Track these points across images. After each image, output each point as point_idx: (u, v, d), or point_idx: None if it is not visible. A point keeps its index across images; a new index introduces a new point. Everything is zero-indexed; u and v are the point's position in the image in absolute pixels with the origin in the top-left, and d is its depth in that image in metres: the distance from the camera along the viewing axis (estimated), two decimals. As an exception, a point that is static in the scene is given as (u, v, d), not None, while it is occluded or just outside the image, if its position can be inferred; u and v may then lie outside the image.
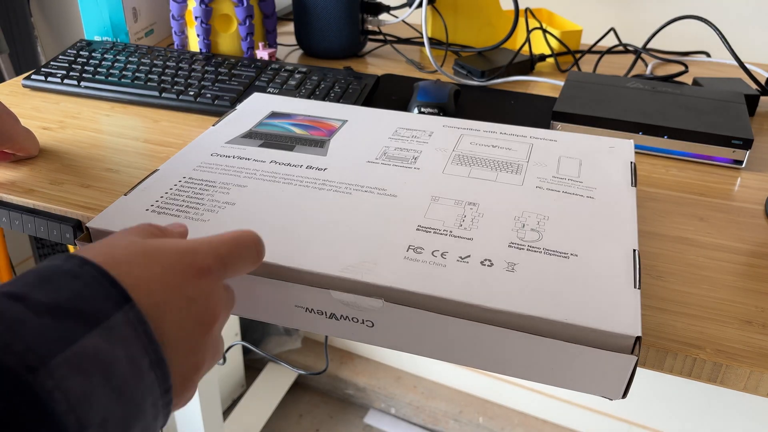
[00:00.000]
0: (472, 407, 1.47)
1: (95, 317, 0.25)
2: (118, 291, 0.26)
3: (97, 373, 0.24)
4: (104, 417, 0.24)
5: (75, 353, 0.24)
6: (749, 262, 0.48)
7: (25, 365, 0.22)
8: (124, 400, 0.25)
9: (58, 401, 0.23)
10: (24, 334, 0.23)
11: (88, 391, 0.24)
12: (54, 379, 0.23)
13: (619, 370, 0.36)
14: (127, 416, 0.25)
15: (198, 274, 0.31)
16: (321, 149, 0.54)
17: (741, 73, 0.89)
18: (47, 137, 0.65)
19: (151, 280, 0.29)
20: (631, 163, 0.52)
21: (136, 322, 0.26)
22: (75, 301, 0.25)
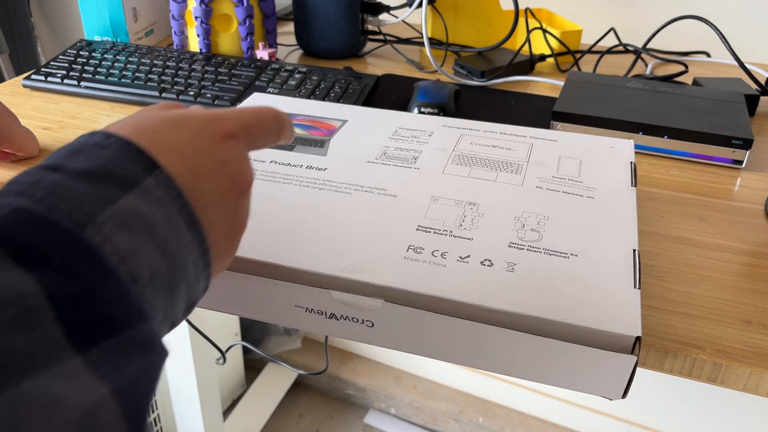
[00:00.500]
0: (472, 407, 1.47)
1: (129, 181, 0.26)
2: (146, 158, 0.27)
3: (140, 230, 0.25)
4: (152, 272, 0.25)
5: (117, 211, 0.24)
6: (749, 262, 0.48)
7: (74, 222, 0.23)
8: (167, 257, 0.26)
9: (110, 254, 0.23)
10: (67, 195, 0.24)
11: (134, 245, 0.24)
12: (102, 235, 0.23)
13: (619, 370, 0.36)
14: (171, 273, 0.26)
15: (226, 138, 0.31)
16: (321, 149, 0.54)
17: (741, 73, 0.89)
18: (47, 137, 0.65)
19: (182, 146, 0.29)
20: (631, 163, 0.52)
21: (167, 186, 0.27)
22: (108, 168, 0.25)
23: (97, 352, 0.21)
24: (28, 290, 0.20)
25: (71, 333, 0.20)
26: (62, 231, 0.22)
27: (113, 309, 0.22)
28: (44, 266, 0.21)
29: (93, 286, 0.22)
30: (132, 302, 0.23)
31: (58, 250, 0.22)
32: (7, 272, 0.20)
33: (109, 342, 0.21)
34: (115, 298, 0.22)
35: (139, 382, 0.22)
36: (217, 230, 0.30)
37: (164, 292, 0.26)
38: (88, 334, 0.21)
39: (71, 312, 0.21)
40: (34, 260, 0.21)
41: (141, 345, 0.23)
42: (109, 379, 0.21)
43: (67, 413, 0.19)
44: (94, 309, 0.21)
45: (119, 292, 0.23)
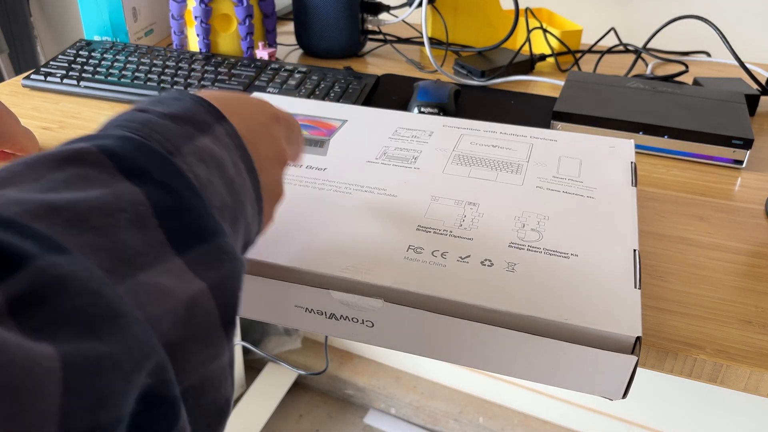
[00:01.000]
0: (472, 407, 1.47)
1: (204, 125, 0.30)
2: (215, 110, 0.31)
3: (214, 166, 0.29)
4: (222, 203, 0.28)
5: (197, 147, 0.28)
6: (749, 262, 0.48)
7: (166, 149, 0.27)
8: (233, 194, 0.29)
9: (194, 180, 0.27)
10: (157, 129, 0.28)
11: (210, 177, 0.28)
12: (187, 164, 0.27)
13: (620, 370, 0.36)
14: (235, 208, 0.30)
15: (276, 119, 0.36)
16: (321, 149, 0.53)
17: (741, 72, 0.89)
18: (47, 137, 0.65)
19: (243, 114, 0.33)
20: (631, 163, 0.52)
21: (233, 135, 0.31)
22: (186, 113, 0.30)
23: (194, 254, 0.24)
24: (138, 199, 0.24)
25: (172, 238, 0.24)
26: (159, 155, 0.26)
27: (203, 221, 0.26)
28: (149, 182, 0.25)
29: (186, 201, 0.25)
30: (216, 219, 0.27)
31: (157, 170, 0.25)
32: (121, 183, 0.24)
33: (202, 247, 0.25)
34: (204, 213, 0.26)
35: (228, 281, 0.25)
36: (266, 192, 0.34)
37: (229, 224, 0.29)
38: (185, 239, 0.24)
39: (171, 221, 0.24)
40: (139, 176, 0.24)
41: (227, 252, 0.26)
42: (204, 277, 0.24)
43: (175, 301, 0.23)
44: (188, 220, 0.25)
45: (206, 209, 0.26)
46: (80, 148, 0.25)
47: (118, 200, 0.23)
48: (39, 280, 0.18)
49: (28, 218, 0.21)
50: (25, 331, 0.17)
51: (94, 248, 0.21)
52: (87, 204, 0.22)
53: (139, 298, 0.21)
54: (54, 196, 0.22)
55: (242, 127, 0.32)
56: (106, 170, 0.24)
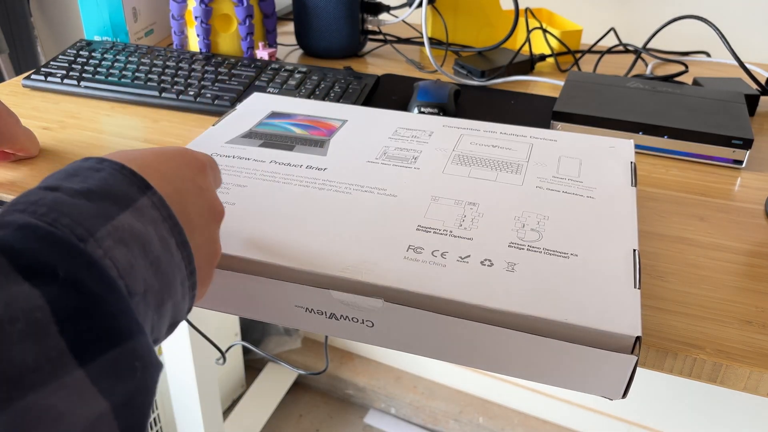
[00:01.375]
0: (472, 407, 1.47)
1: (125, 200, 0.27)
2: (139, 179, 0.28)
3: (136, 246, 0.26)
4: (145, 288, 0.26)
5: (115, 227, 0.25)
6: (749, 262, 0.48)
7: (76, 236, 0.24)
8: (159, 275, 0.27)
9: (110, 267, 0.24)
10: (67, 212, 0.24)
11: (131, 261, 0.25)
12: (102, 249, 0.24)
13: (619, 370, 0.36)
14: (162, 290, 0.27)
15: (201, 168, 0.33)
16: (321, 149, 0.54)
17: (741, 72, 0.89)
18: (47, 137, 0.65)
19: (167, 172, 0.31)
20: (631, 163, 0.52)
21: (160, 206, 0.28)
22: (104, 187, 0.27)
23: (100, 364, 0.21)
24: (35, 304, 0.20)
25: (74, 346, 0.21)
26: (67, 245, 0.23)
27: (115, 321, 0.23)
28: (51, 280, 0.21)
29: (96, 299, 0.22)
30: (131, 315, 0.24)
31: (63, 264, 0.22)
32: (15, 286, 0.21)
33: (111, 354, 0.22)
34: (117, 310, 0.23)
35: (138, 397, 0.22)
36: (201, 254, 0.31)
37: (154, 309, 0.27)
38: (90, 346, 0.21)
39: (75, 325, 0.21)
40: (40, 274, 0.21)
41: (140, 357, 0.23)
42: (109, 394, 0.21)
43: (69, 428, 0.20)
44: (96, 321, 0.22)
45: (120, 304, 0.23)
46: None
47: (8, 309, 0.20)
48: None
49: None
50: None
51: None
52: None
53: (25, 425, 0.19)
54: None
55: (169, 189, 0.30)
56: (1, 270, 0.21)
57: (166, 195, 0.29)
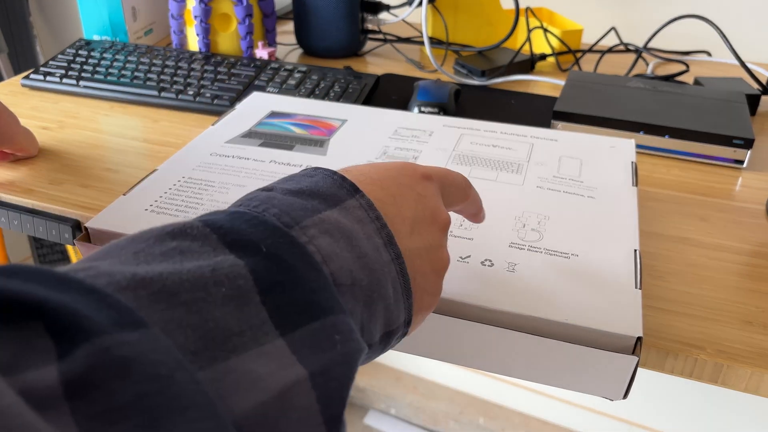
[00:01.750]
0: (472, 408, 1.47)
1: (333, 199, 0.28)
2: (349, 183, 0.29)
3: (342, 238, 0.26)
4: (352, 280, 0.26)
5: (321, 219, 0.26)
6: (750, 262, 0.48)
7: (282, 222, 0.25)
8: (367, 270, 0.26)
9: (314, 252, 0.25)
10: (276, 204, 0.26)
11: (336, 250, 0.26)
12: (307, 236, 0.25)
13: (620, 370, 0.36)
14: (371, 287, 0.26)
15: (423, 177, 0.33)
16: (321, 149, 0.53)
17: (742, 72, 0.88)
18: (46, 137, 0.65)
19: (383, 180, 0.31)
20: (632, 163, 0.52)
21: (368, 208, 0.28)
22: (314, 189, 0.28)
23: (300, 334, 0.22)
24: (238, 272, 0.22)
25: (275, 316, 0.22)
26: (271, 226, 0.24)
27: (316, 296, 0.23)
28: (254, 253, 0.23)
29: (297, 274, 0.23)
30: (332, 294, 0.24)
31: (266, 240, 0.23)
32: (222, 255, 0.22)
33: (311, 326, 0.22)
34: (318, 287, 0.23)
35: (336, 368, 0.22)
36: (422, 260, 0.30)
37: (363, 306, 0.26)
38: (291, 318, 0.22)
39: (276, 297, 0.22)
40: (245, 248, 0.23)
41: (341, 332, 0.23)
42: (307, 362, 0.21)
43: (266, 391, 0.20)
44: (297, 294, 0.23)
45: (322, 282, 0.24)
46: (185, 222, 0.24)
47: (214, 274, 0.21)
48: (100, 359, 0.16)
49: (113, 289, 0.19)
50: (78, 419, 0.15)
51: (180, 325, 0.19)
52: (178, 276, 0.20)
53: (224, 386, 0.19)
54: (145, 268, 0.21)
55: (381, 193, 0.29)
56: (209, 243, 0.23)
57: (377, 199, 0.29)
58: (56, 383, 0.16)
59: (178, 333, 0.19)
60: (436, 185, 0.33)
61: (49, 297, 0.17)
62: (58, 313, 0.17)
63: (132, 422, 0.16)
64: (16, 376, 0.16)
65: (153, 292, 0.20)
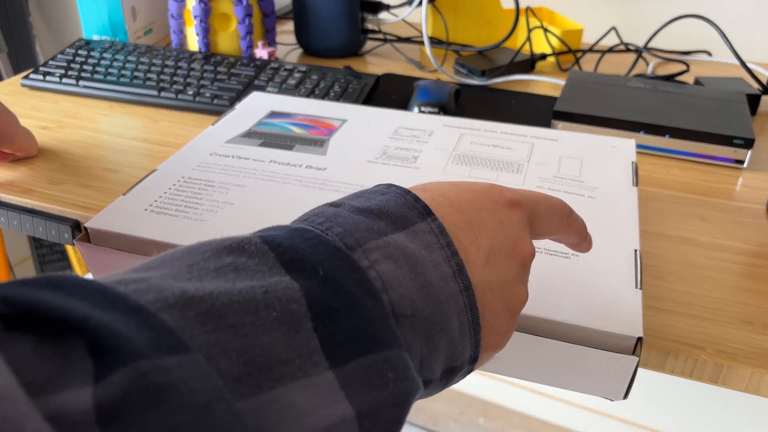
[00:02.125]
0: (472, 408, 1.47)
1: (401, 221, 0.26)
2: (421, 205, 0.27)
3: (406, 265, 0.25)
4: (413, 311, 0.24)
5: (386, 243, 0.25)
6: (751, 262, 0.48)
7: (344, 244, 0.24)
8: (430, 300, 0.25)
9: (374, 279, 0.24)
10: (341, 223, 0.25)
11: (398, 277, 0.24)
12: (369, 260, 0.24)
13: (621, 371, 0.36)
14: (433, 319, 0.25)
15: (508, 204, 0.30)
16: (320, 149, 0.53)
17: (743, 72, 0.88)
18: (46, 137, 0.65)
19: (461, 203, 0.29)
20: (632, 163, 0.52)
21: (439, 233, 0.27)
22: (383, 208, 0.27)
23: (351, 368, 0.21)
24: (292, 296, 0.21)
25: (326, 345, 0.20)
26: (332, 247, 0.23)
27: (372, 326, 0.22)
28: (311, 276, 0.22)
29: (353, 301, 0.22)
30: (390, 325, 0.23)
31: (324, 263, 0.22)
32: (277, 276, 0.21)
33: (363, 360, 0.21)
34: (375, 317, 0.22)
35: (385, 410, 0.21)
36: (494, 295, 0.28)
37: (423, 339, 0.24)
38: (343, 348, 0.21)
39: (329, 324, 0.21)
40: (302, 269, 0.22)
41: (395, 369, 0.22)
42: (355, 401, 0.20)
43: (309, 428, 0.19)
44: (352, 323, 0.21)
45: (379, 312, 0.22)
46: (243, 237, 0.23)
47: (267, 296, 0.20)
48: (136, 385, 0.16)
49: (159, 307, 0.19)
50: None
51: (224, 350, 0.19)
52: (228, 297, 0.20)
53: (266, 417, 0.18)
54: (196, 285, 0.20)
55: (456, 217, 0.28)
56: (265, 262, 0.22)
57: (452, 224, 0.27)
58: (90, 408, 0.15)
59: (222, 358, 0.18)
60: (523, 213, 0.30)
61: (91, 315, 0.17)
62: (99, 332, 0.17)
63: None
64: (50, 396, 0.15)
65: (200, 312, 0.19)
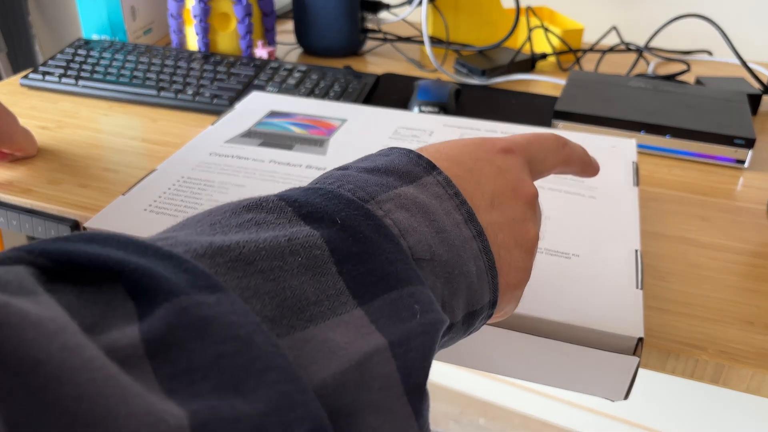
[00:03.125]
0: (472, 408, 1.47)
1: (409, 176, 0.27)
2: (425, 161, 0.28)
3: (419, 213, 0.26)
4: (431, 255, 0.25)
5: (397, 194, 0.26)
6: (752, 262, 0.48)
7: (357, 197, 0.25)
8: (446, 244, 0.26)
9: (391, 226, 0.24)
10: (351, 180, 0.26)
11: (413, 224, 0.25)
12: (383, 210, 0.25)
13: (621, 371, 0.36)
14: (451, 263, 0.25)
15: (503, 150, 0.31)
16: (320, 148, 0.53)
17: (743, 72, 0.88)
18: (45, 137, 0.64)
19: (460, 155, 0.30)
20: (633, 163, 0.52)
21: (446, 184, 0.28)
22: (390, 166, 0.27)
23: (378, 304, 0.21)
24: (314, 243, 0.22)
25: (352, 286, 0.21)
26: (346, 199, 0.24)
27: (393, 267, 0.23)
28: (329, 225, 0.23)
29: (374, 245, 0.23)
30: (411, 265, 0.23)
31: (341, 213, 0.23)
32: (297, 227, 0.22)
33: (390, 295, 0.22)
34: (396, 258, 0.23)
35: (417, 338, 0.22)
36: (505, 234, 0.29)
37: (444, 281, 0.25)
38: (368, 288, 0.22)
39: (352, 267, 0.22)
40: (320, 220, 0.23)
41: (420, 302, 0.23)
42: (386, 331, 0.21)
43: (345, 360, 0.20)
44: (374, 265, 0.22)
45: (399, 254, 0.23)
46: (260, 197, 0.24)
47: (290, 243, 0.21)
48: (179, 319, 0.17)
49: (190, 256, 0.19)
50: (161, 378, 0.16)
51: (257, 293, 0.19)
52: (255, 245, 0.21)
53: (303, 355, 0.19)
54: (222, 237, 0.21)
55: (458, 170, 0.29)
56: (284, 215, 0.23)
57: (455, 175, 0.28)
58: (138, 342, 0.16)
59: (256, 300, 0.19)
60: (519, 157, 0.31)
61: (128, 260, 0.18)
62: (137, 275, 0.17)
63: (212, 383, 0.16)
64: (100, 335, 0.16)
65: (230, 260, 0.20)
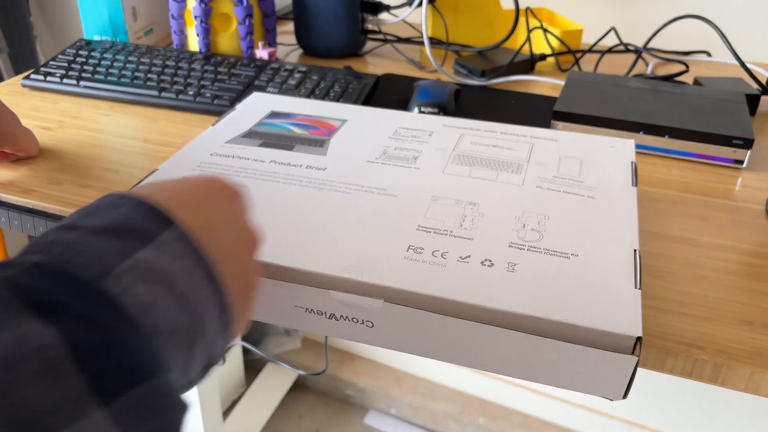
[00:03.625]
0: (472, 408, 1.47)
1: (145, 235, 0.25)
2: (161, 214, 0.27)
3: (159, 282, 0.24)
4: (172, 326, 0.24)
5: (135, 264, 0.24)
6: (750, 262, 0.48)
7: (92, 274, 0.23)
8: (187, 312, 0.25)
9: (130, 305, 0.23)
10: (83, 251, 0.23)
11: (154, 298, 0.24)
12: (120, 286, 0.23)
13: (620, 370, 0.36)
14: (192, 328, 0.25)
15: (231, 197, 0.32)
16: (321, 149, 0.53)
17: (742, 72, 0.88)
18: (46, 137, 0.65)
19: (194, 203, 0.29)
20: (632, 163, 0.52)
21: (184, 240, 0.26)
22: (123, 224, 0.25)
23: (122, 404, 0.20)
24: (49, 342, 0.19)
25: (95, 384, 0.20)
26: (80, 282, 0.22)
27: (137, 358, 0.21)
28: (64, 316, 0.20)
29: (115, 335, 0.21)
30: (153, 352, 0.23)
31: (76, 300, 0.21)
32: (26, 323, 0.20)
33: (134, 392, 0.21)
34: (138, 347, 0.22)
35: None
36: (236, 287, 0.29)
37: (184, 348, 0.25)
38: (112, 384, 0.20)
39: (94, 362, 0.20)
40: (52, 310, 0.20)
41: (166, 395, 0.22)
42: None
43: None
44: (117, 358, 0.21)
45: (141, 341, 0.22)
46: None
47: (20, 348, 0.19)
48: None
49: None
50: None
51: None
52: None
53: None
54: None
55: (196, 220, 0.28)
56: (10, 308, 0.20)
57: (192, 226, 0.27)
58: None
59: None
60: (243, 203, 0.32)
61: None
62: None
63: None
64: None
65: None
